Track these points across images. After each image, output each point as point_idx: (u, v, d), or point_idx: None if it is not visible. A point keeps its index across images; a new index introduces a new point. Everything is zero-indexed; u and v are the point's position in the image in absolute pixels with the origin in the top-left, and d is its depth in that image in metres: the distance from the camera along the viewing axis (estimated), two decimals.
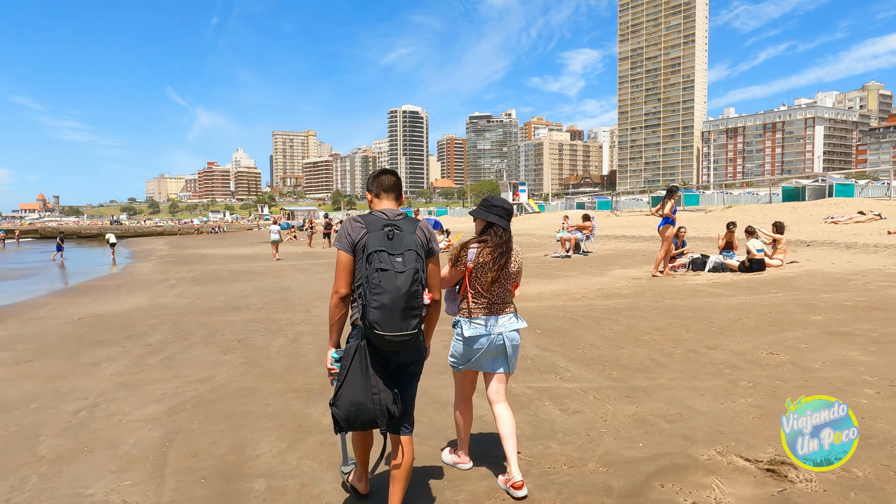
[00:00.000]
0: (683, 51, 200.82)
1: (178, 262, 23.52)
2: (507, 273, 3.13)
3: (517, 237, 17.59)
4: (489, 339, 3.09)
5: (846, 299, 7.56)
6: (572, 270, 13.04)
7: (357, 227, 2.66)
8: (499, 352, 3.15)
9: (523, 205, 58.70)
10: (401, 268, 2.50)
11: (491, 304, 3.11)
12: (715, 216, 26.87)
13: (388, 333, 2.48)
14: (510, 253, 3.13)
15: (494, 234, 3.09)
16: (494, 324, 3.11)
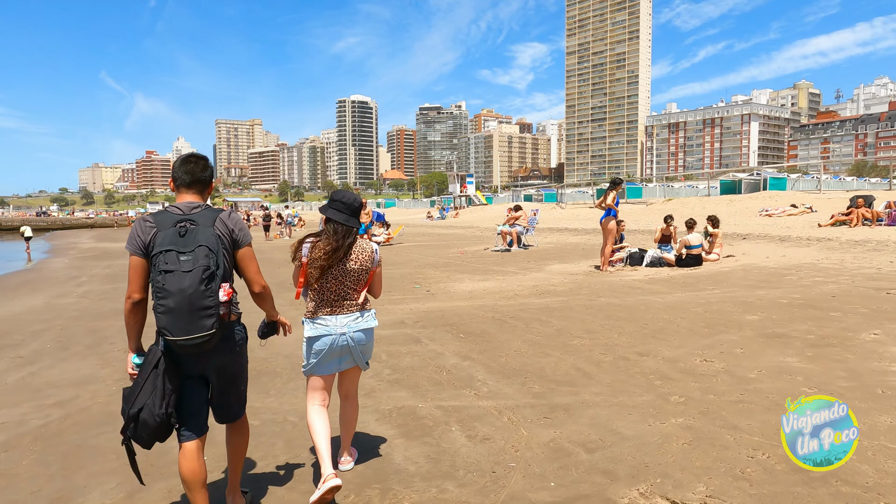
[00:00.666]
0: (628, 46, 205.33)
1: (99, 257, 21.84)
2: (344, 270, 3.05)
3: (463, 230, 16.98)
4: (331, 339, 3.04)
5: (782, 296, 7.30)
6: (510, 265, 12.55)
7: (147, 226, 2.53)
8: (343, 352, 3.11)
9: (471, 197, 58.38)
10: (188, 266, 2.41)
11: (331, 303, 3.06)
12: (656, 209, 27.09)
13: (178, 338, 2.41)
14: (347, 250, 3.03)
15: (330, 230, 3.03)
16: (336, 323, 3.05)
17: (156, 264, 2.44)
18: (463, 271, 11.92)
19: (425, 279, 10.99)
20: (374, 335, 3.28)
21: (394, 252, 17.59)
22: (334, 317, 3.05)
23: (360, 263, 3.10)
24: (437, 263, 13.71)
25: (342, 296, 3.07)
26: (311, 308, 3.08)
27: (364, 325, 3.13)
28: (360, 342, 3.12)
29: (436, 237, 24.54)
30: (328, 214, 3.08)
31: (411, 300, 8.74)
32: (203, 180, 2.69)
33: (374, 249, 3.21)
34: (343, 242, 3.01)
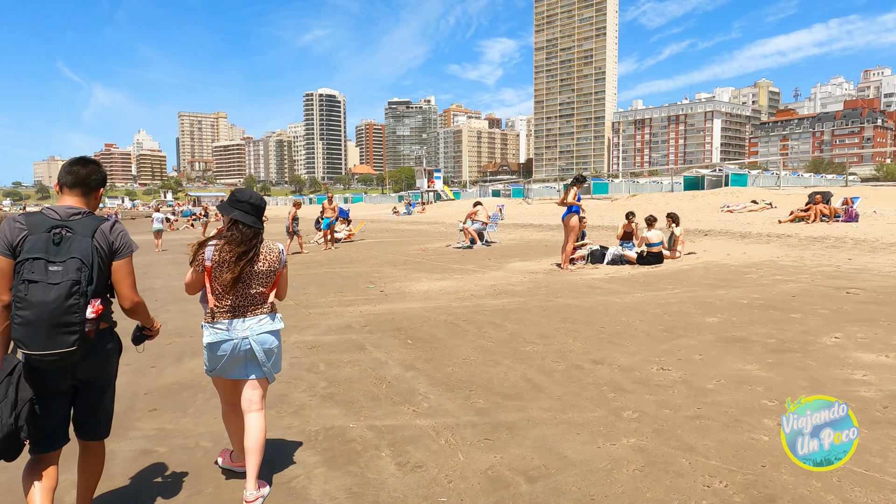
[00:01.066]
0: (595, 43, 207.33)
1: None
2: (251, 272, 2.93)
3: (428, 226, 16.40)
4: (232, 344, 2.92)
5: (742, 296, 7.10)
6: (470, 263, 12.19)
7: (17, 227, 2.33)
8: (248, 357, 2.98)
9: (439, 192, 57.94)
10: (56, 279, 2.24)
11: (235, 306, 2.94)
12: (620, 205, 27.12)
13: (33, 352, 2.25)
14: (255, 251, 2.92)
15: (237, 231, 2.89)
16: (239, 327, 2.93)
17: (20, 272, 2.25)
18: (421, 270, 11.51)
19: (381, 278, 10.54)
20: (280, 338, 3.14)
21: (353, 249, 17.07)
22: (237, 321, 2.93)
23: (269, 264, 2.99)
24: (395, 261, 13.27)
25: (248, 299, 2.96)
26: (212, 313, 2.93)
27: (269, 327, 3.01)
28: (265, 345, 3.00)
29: (399, 233, 24.06)
30: (235, 216, 2.91)
31: (363, 301, 8.29)
32: (88, 184, 2.51)
33: (281, 250, 3.11)
34: (253, 244, 2.91)
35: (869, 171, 78.64)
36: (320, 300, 8.58)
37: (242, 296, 2.94)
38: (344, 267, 12.66)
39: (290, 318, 7.34)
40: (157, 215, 21.84)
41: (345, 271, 11.87)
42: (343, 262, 13.77)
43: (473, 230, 15.60)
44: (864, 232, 12.40)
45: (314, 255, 15.60)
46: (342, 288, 9.67)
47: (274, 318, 3.05)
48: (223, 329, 2.92)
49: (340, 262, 13.77)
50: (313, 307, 8.03)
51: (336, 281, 10.54)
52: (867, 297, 6.61)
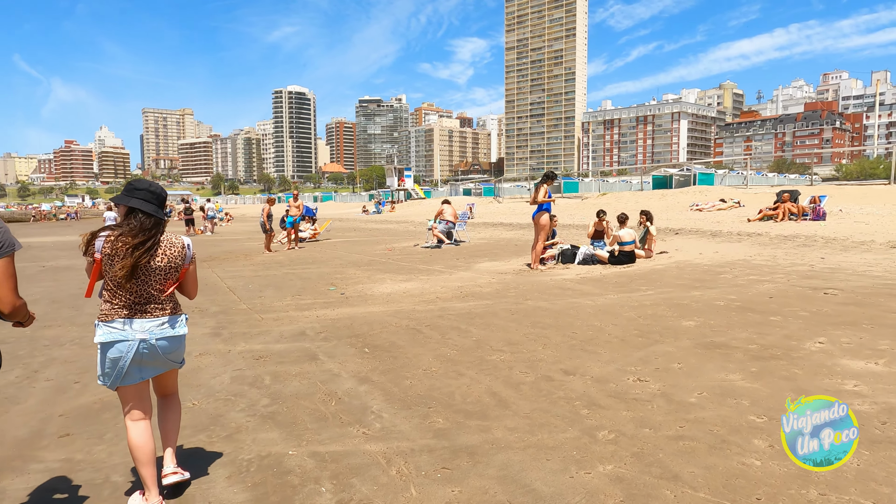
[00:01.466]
0: (565, 44, 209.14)
1: None
2: (149, 268, 2.71)
3: (397, 224, 15.74)
4: (129, 345, 2.70)
5: (718, 297, 6.80)
6: (437, 263, 11.74)
7: None
8: (146, 361, 2.76)
9: (409, 190, 57.39)
10: None
11: (132, 304, 2.71)
12: (591, 203, 27.03)
13: None
14: (154, 243, 2.71)
15: (135, 221, 2.69)
16: (137, 328, 2.70)
17: None
18: (386, 270, 11.01)
19: (343, 280, 10.02)
20: (184, 343, 2.93)
21: (317, 248, 16.46)
22: (134, 321, 2.70)
23: (170, 260, 2.78)
24: (360, 261, 12.74)
25: (146, 297, 2.73)
26: (106, 310, 2.69)
27: (171, 332, 2.79)
28: (166, 351, 2.79)
29: (366, 232, 23.48)
30: (134, 204, 2.70)
31: (321, 305, 7.77)
32: None
33: (187, 245, 2.88)
34: (152, 236, 2.70)
35: (829, 171, 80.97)
36: (275, 304, 8.02)
37: (139, 293, 2.70)
38: (305, 268, 12.08)
39: (240, 324, 6.80)
40: (110, 214, 20.96)
41: (306, 272, 11.30)
42: (305, 262, 13.18)
43: (440, 231, 15.16)
44: (832, 230, 12.35)
45: (276, 255, 14.95)
46: (301, 290, 9.12)
47: (176, 322, 2.82)
48: (118, 328, 2.67)
49: (303, 262, 13.17)
50: (267, 312, 7.48)
51: (295, 283, 9.98)
52: (846, 298, 6.38)
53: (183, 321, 2.87)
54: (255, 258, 14.65)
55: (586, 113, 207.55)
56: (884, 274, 7.72)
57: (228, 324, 6.88)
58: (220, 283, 10.29)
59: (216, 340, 6.09)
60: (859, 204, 16.91)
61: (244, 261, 14.14)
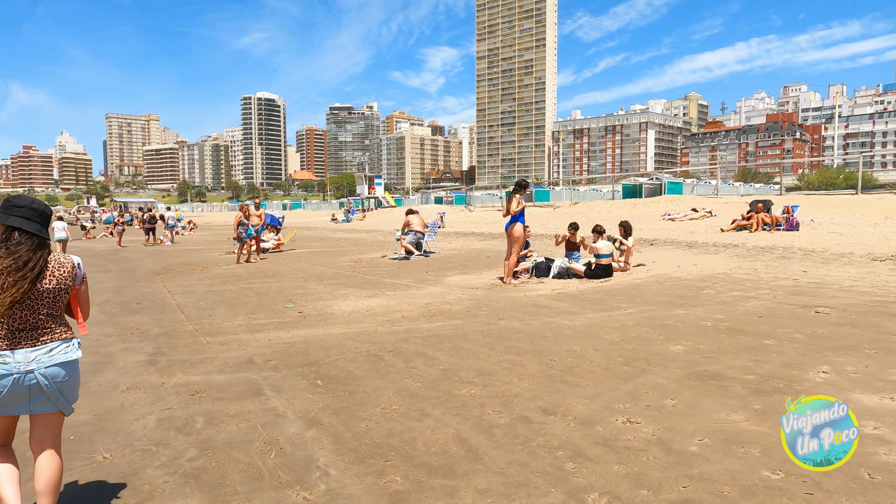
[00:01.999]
0: (535, 54, 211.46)
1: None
2: (36, 292, 2.46)
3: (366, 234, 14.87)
4: (13, 379, 2.39)
5: (704, 317, 6.35)
6: (405, 277, 11.12)
7: None
8: (33, 393, 2.47)
9: (380, 198, 56.69)
10: None
11: (13, 331, 2.42)
12: (563, 213, 26.75)
13: None
14: (39, 265, 2.45)
15: (16, 243, 2.44)
16: (21, 359, 2.41)
17: None
18: (350, 285, 10.35)
19: (303, 296, 9.32)
20: (77, 369, 2.65)
21: (280, 260, 15.67)
22: (17, 351, 2.44)
23: (58, 281, 2.56)
24: (323, 275, 12.03)
25: (32, 324, 2.48)
26: None
27: (60, 357, 2.53)
28: (57, 379, 2.52)
29: (334, 242, 22.71)
30: (13, 223, 2.48)
31: (276, 326, 7.08)
32: None
33: (77, 264, 2.67)
34: (36, 257, 2.47)
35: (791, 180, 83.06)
36: (226, 324, 7.29)
37: (24, 320, 2.46)
38: (264, 282, 11.33)
39: (182, 349, 6.07)
40: (59, 224, 19.81)
41: (264, 287, 10.56)
42: (265, 275, 12.41)
43: (408, 241, 14.54)
44: (808, 241, 12.15)
45: (235, 269, 14.13)
46: (256, 308, 8.40)
47: (69, 346, 2.58)
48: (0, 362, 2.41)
49: (262, 276, 12.41)
50: (215, 334, 6.75)
51: (251, 299, 9.24)
52: (840, 318, 5.97)
53: (74, 346, 2.61)
54: (213, 270, 13.82)
55: (556, 122, 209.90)
56: (872, 290, 7.39)
57: (169, 349, 6.14)
58: (169, 299, 9.49)
59: (150, 370, 5.36)
60: (829, 214, 16.91)
61: (200, 274, 13.30)
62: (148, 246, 25.23)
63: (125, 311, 8.57)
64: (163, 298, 9.57)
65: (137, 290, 10.84)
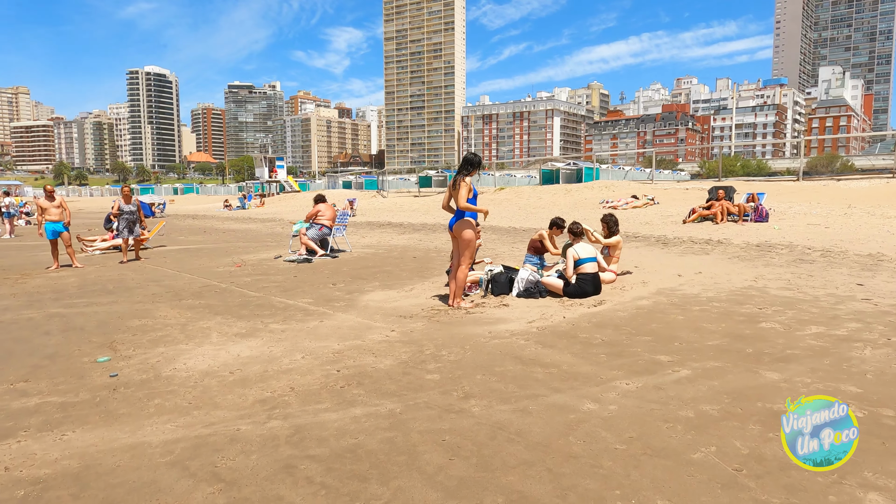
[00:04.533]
0: (444, 37, 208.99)
1: None
2: None
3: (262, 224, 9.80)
4: None
5: (824, 388, 3.69)
6: (303, 293, 7.83)
7: None
8: None
9: (282, 182, 51.78)
10: None
11: None
12: (488, 199, 24.14)
13: None
14: None
15: None
16: None
17: None
18: (219, 310, 6.94)
19: (136, 334, 5.85)
20: None
21: (135, 265, 11.75)
22: None
23: None
24: (186, 289, 8.47)
25: None
26: None
27: None
28: None
29: (219, 235, 18.70)
30: None
31: (47, 418, 3.68)
32: None
33: None
34: None
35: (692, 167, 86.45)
36: None
37: None
38: (91, 302, 7.63)
39: None
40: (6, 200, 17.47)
41: (86, 312, 6.92)
42: (101, 291, 8.66)
43: (310, 237, 11.17)
44: (801, 236, 10.13)
45: (67, 276, 10.16)
46: (42, 362, 4.90)
47: None
48: None
49: (96, 291, 8.64)
50: None
51: (50, 340, 5.67)
52: None
53: None
54: (31, 280, 9.80)
55: (465, 107, 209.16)
56: None
57: None
58: None
59: None
60: (780, 202, 15.35)
61: (9, 286, 9.29)
62: None
63: None
64: None
65: None
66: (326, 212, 11.36)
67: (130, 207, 12.20)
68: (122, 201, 12.25)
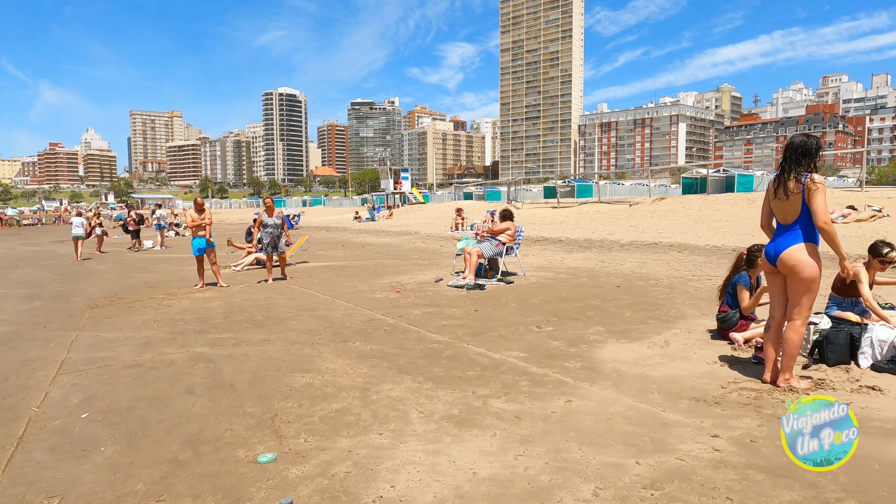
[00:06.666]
0: (561, 45, 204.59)
1: None
2: None
3: (399, 237, 7.33)
4: None
5: None
6: (502, 342, 5.81)
7: None
8: None
9: (406, 194, 51.51)
10: None
11: None
12: (646, 211, 21.19)
13: None
14: None
15: None
16: None
17: None
18: (400, 366, 5.07)
19: (305, 406, 4.10)
20: None
21: (281, 285, 10.46)
22: None
23: None
24: (347, 324, 6.79)
25: None
26: None
27: None
28: None
29: (359, 250, 17.51)
30: None
31: None
32: None
33: None
34: None
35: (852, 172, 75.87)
36: None
37: None
38: (240, 340, 6.13)
39: None
40: (77, 220, 18.19)
41: (235, 357, 5.37)
42: (248, 320, 7.24)
43: (487, 253, 9.19)
44: None
45: (212, 297, 9.00)
46: (176, 462, 3.23)
47: None
48: None
49: (244, 320, 7.24)
50: None
51: (188, 408, 4.08)
52: None
53: None
54: (175, 302, 8.75)
55: (583, 115, 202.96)
56: None
57: None
58: (27, 399, 4.37)
59: None
60: None
61: (154, 309, 8.24)
62: (134, 251, 20.48)
63: None
64: (21, 394, 4.46)
65: (15, 355, 5.79)
66: (504, 226, 9.32)
67: (274, 221, 11.04)
68: (265, 214, 11.12)
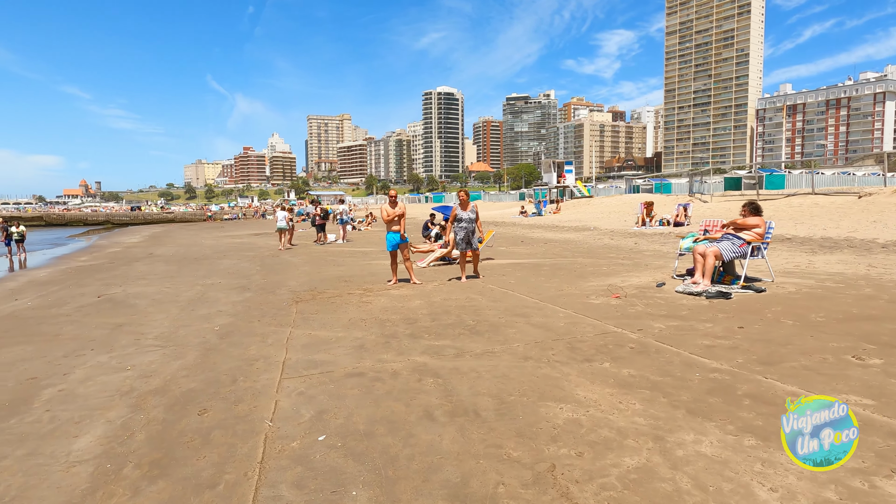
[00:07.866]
0: (737, 23, 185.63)
1: (96, 269, 15.55)
2: None
3: (577, 233, 7.48)
4: None
5: None
6: (805, 377, 4.42)
7: None
8: None
9: (571, 188, 49.54)
10: None
11: None
12: (886, 202, 17.53)
13: None
14: None
15: None
16: None
17: None
18: (685, 405, 3.94)
19: (586, 457, 3.15)
20: None
21: (479, 286, 9.79)
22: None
23: None
24: (578, 337, 5.79)
25: None
26: None
27: None
28: None
29: (542, 246, 16.51)
30: None
31: None
32: None
33: None
34: None
35: None
36: None
37: None
38: (461, 350, 5.41)
39: None
40: (281, 214, 20.82)
41: (464, 372, 4.62)
42: (458, 324, 6.55)
43: (728, 255, 7.66)
44: None
45: (410, 296, 8.57)
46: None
47: None
48: None
49: (453, 324, 6.56)
50: None
51: (432, 458, 3.32)
52: None
53: None
54: (374, 299, 8.44)
55: (762, 99, 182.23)
56: None
57: None
58: (261, 410, 4.00)
59: None
60: None
61: (355, 305, 7.98)
62: (320, 244, 21.61)
63: None
64: (252, 401, 4.11)
65: (238, 351, 5.67)
66: (754, 221, 7.69)
67: (469, 215, 10.40)
68: (459, 208, 10.52)
